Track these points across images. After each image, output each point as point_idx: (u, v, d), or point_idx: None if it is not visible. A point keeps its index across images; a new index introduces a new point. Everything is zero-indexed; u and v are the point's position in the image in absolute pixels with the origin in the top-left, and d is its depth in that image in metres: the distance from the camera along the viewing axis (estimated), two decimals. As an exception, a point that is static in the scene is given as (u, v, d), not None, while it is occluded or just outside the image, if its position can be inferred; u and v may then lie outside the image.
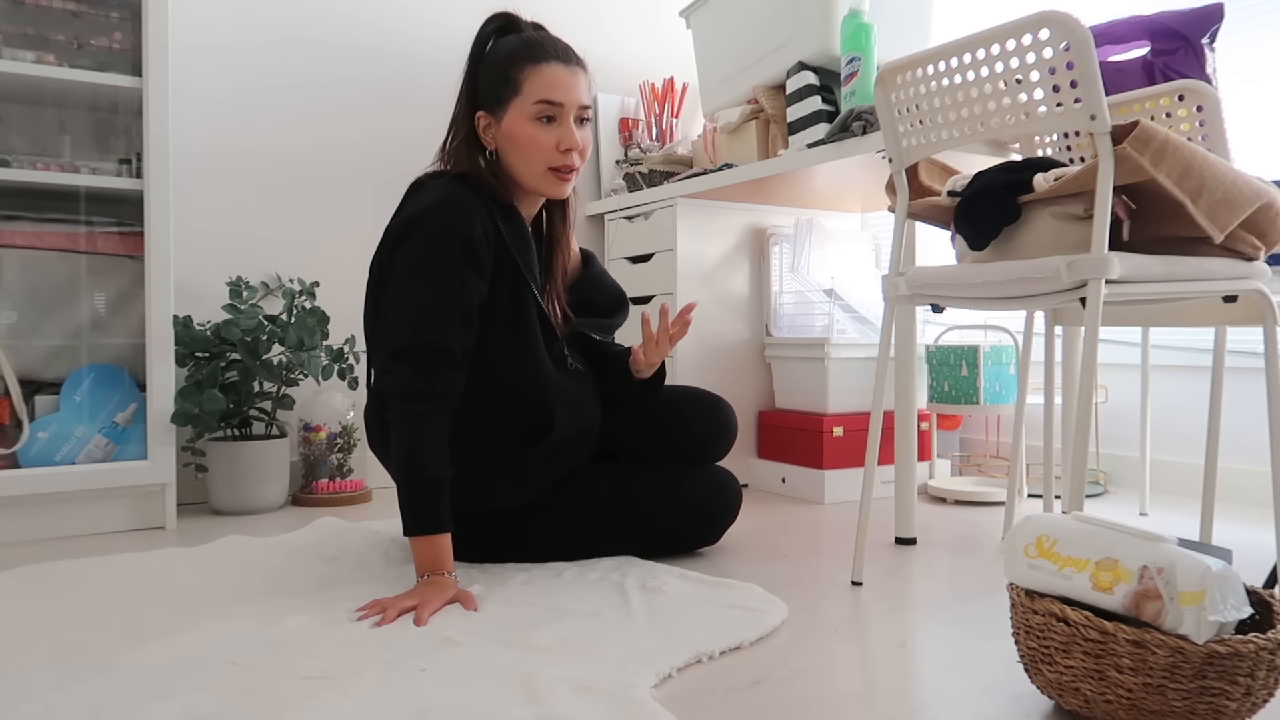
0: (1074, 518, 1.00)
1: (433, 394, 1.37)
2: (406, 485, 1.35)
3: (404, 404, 1.37)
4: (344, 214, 2.48)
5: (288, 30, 2.41)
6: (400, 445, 1.36)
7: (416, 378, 1.37)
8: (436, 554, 1.34)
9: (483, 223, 1.42)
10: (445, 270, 1.39)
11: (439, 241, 1.39)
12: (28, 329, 1.88)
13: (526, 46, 1.47)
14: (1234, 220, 1.23)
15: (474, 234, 1.40)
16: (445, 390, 1.38)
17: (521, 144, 1.46)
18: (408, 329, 1.37)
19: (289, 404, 2.16)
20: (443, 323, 1.38)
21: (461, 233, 1.39)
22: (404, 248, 1.41)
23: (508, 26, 1.51)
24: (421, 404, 1.37)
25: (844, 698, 1.02)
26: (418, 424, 1.36)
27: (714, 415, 1.71)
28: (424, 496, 1.35)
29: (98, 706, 0.95)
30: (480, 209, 1.42)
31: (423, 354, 1.37)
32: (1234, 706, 0.87)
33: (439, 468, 1.36)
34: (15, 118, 1.96)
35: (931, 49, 1.36)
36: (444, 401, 1.38)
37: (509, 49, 1.47)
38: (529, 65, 1.45)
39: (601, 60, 2.92)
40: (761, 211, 2.54)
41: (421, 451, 1.35)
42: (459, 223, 1.39)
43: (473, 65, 1.51)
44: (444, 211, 1.39)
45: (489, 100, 1.48)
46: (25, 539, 1.83)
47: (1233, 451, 2.20)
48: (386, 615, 1.23)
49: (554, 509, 1.56)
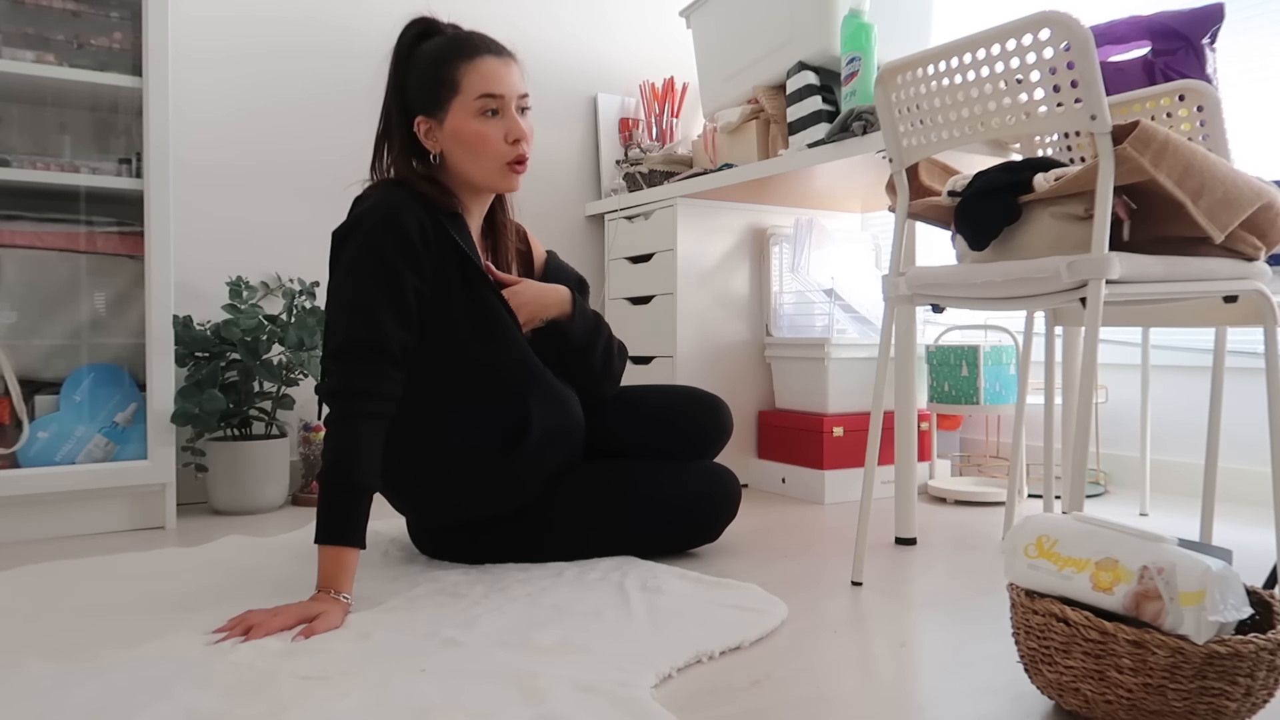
0: (1074, 518, 1.00)
1: (369, 392, 1.33)
2: (328, 489, 1.29)
3: (339, 402, 1.33)
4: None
5: (289, 31, 2.41)
6: (330, 446, 1.30)
7: (352, 375, 1.33)
8: (338, 569, 1.27)
9: (420, 221, 1.41)
10: (380, 269, 1.37)
11: (373, 242, 1.38)
12: (28, 329, 1.88)
13: (456, 44, 1.46)
14: (1234, 220, 1.23)
15: (410, 233, 1.39)
16: (382, 389, 1.34)
17: (471, 142, 1.45)
18: (344, 329, 1.35)
19: (289, 404, 2.16)
20: (378, 321, 1.35)
21: (397, 233, 1.38)
22: (341, 254, 1.41)
23: (429, 30, 1.50)
24: (357, 402, 1.32)
25: (844, 698, 1.02)
26: (351, 425, 1.31)
27: (708, 411, 1.72)
28: (343, 503, 1.28)
29: (98, 706, 0.95)
30: (417, 208, 1.42)
31: (359, 352, 1.34)
32: (1234, 707, 0.87)
33: (366, 475, 1.30)
34: (15, 118, 1.96)
35: (932, 49, 1.36)
36: (380, 402, 1.34)
37: (437, 50, 1.46)
38: (463, 62, 1.44)
39: (602, 60, 2.92)
40: (761, 211, 2.54)
41: (351, 454, 1.29)
42: (394, 223, 1.38)
43: (399, 73, 1.49)
44: (380, 213, 1.39)
45: (425, 105, 1.46)
46: (25, 539, 1.83)
47: (1233, 451, 2.20)
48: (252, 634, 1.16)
49: (552, 507, 1.56)
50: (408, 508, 1.56)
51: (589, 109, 2.90)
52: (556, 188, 2.83)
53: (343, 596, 1.26)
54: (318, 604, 1.23)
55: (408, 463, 1.48)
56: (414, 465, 1.48)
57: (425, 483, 1.49)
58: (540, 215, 2.79)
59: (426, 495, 1.50)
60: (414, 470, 1.48)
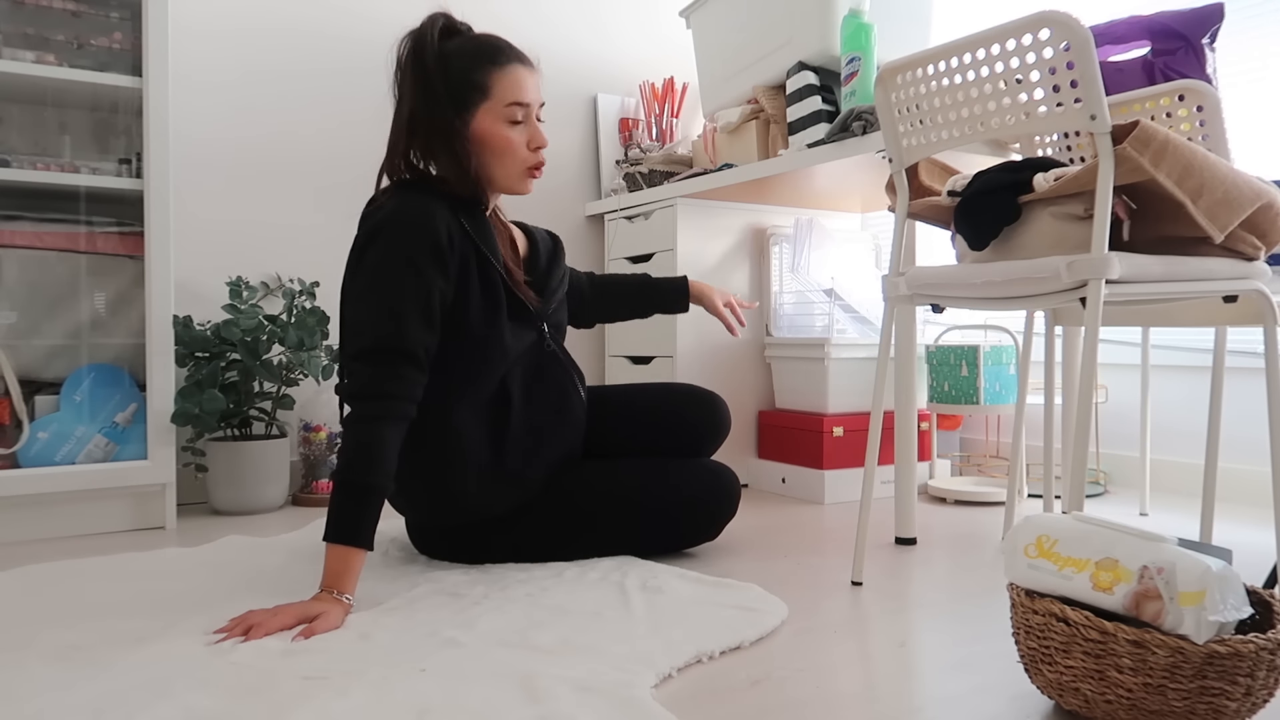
0: (1074, 518, 1.00)
1: (393, 395, 1.34)
2: (342, 488, 1.29)
3: (362, 403, 1.33)
4: (344, 214, 2.47)
5: (290, 32, 2.41)
6: (349, 446, 1.31)
7: (378, 379, 1.34)
8: (344, 569, 1.27)
9: (447, 224, 1.42)
10: (408, 273, 1.37)
11: (401, 245, 1.38)
12: (28, 329, 1.88)
13: (487, 49, 1.46)
14: (1234, 220, 1.23)
15: (439, 237, 1.40)
16: (405, 393, 1.35)
17: (497, 147, 1.46)
18: (369, 330, 1.36)
19: (289, 404, 2.17)
20: (406, 324, 1.36)
21: (425, 236, 1.38)
22: (367, 255, 1.40)
23: (451, 28, 1.49)
24: (379, 404, 1.33)
25: (844, 698, 1.02)
26: (371, 425, 1.31)
27: (705, 407, 1.72)
28: (356, 504, 1.28)
29: (98, 706, 0.95)
30: (443, 210, 1.42)
31: (386, 355, 1.35)
32: (1234, 706, 0.87)
33: (381, 477, 1.30)
34: (15, 118, 1.96)
35: (931, 49, 1.36)
36: (402, 404, 1.35)
37: (467, 51, 1.46)
38: (495, 68, 1.45)
39: (601, 60, 2.92)
40: (761, 211, 2.54)
41: (370, 455, 1.30)
42: (422, 226, 1.39)
43: (420, 70, 1.44)
44: (407, 216, 1.39)
45: (451, 105, 1.44)
46: (25, 539, 1.83)
47: (1233, 451, 2.20)
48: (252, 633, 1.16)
49: (552, 507, 1.56)
50: (408, 507, 1.56)
51: (589, 109, 2.90)
52: (556, 188, 2.83)
53: (345, 597, 1.26)
54: (318, 604, 1.23)
55: (411, 461, 1.48)
56: (417, 463, 1.48)
57: (427, 481, 1.49)
58: (540, 215, 2.78)
59: (429, 494, 1.50)
60: (417, 468, 1.48)
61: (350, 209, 2.48)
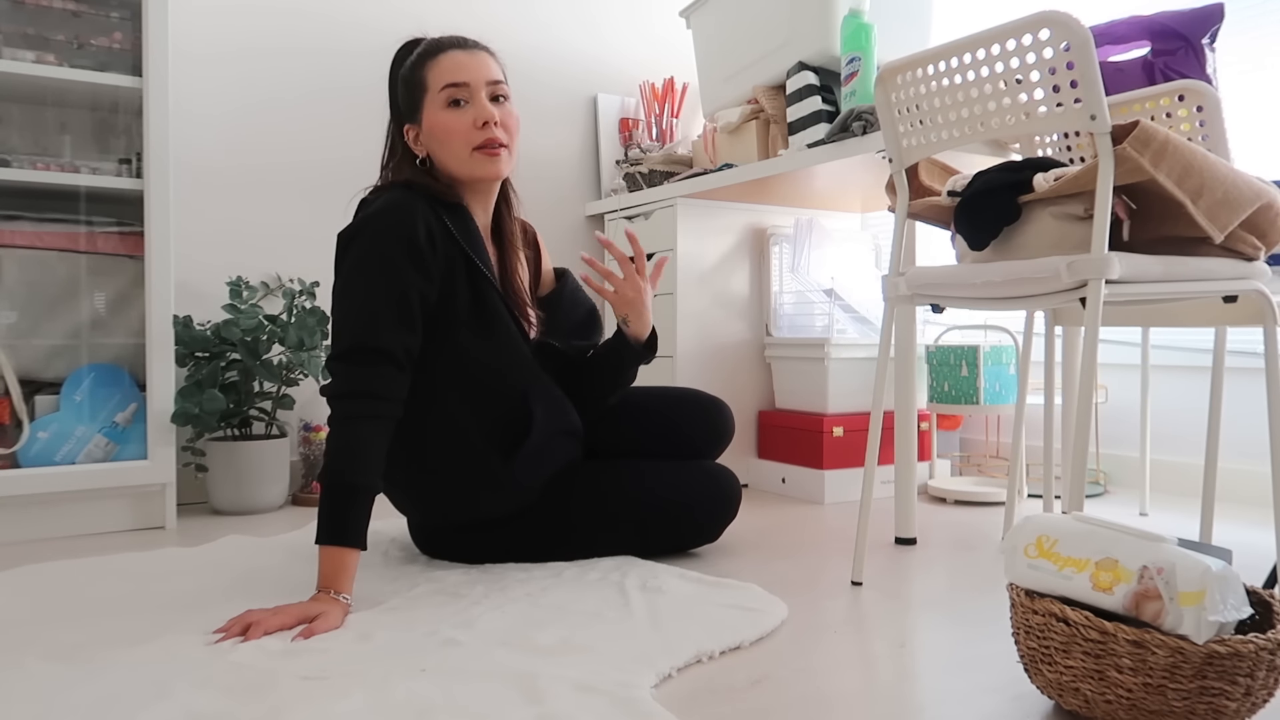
0: (1074, 518, 1.00)
1: (371, 394, 1.34)
2: (328, 490, 1.29)
3: (342, 404, 1.33)
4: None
5: (290, 33, 2.41)
6: (332, 447, 1.31)
7: (355, 378, 1.34)
8: (338, 569, 1.27)
9: (426, 222, 1.42)
10: (385, 272, 1.38)
11: (379, 244, 1.38)
12: (28, 329, 1.88)
13: (426, 48, 1.51)
14: (1234, 220, 1.23)
15: (417, 236, 1.40)
16: (385, 391, 1.35)
17: (440, 133, 1.47)
18: (349, 331, 1.36)
19: (289, 404, 2.16)
20: (382, 323, 1.36)
21: (403, 235, 1.39)
22: (348, 255, 1.41)
23: (413, 46, 1.55)
24: (359, 404, 1.33)
25: (844, 698, 1.02)
26: (352, 426, 1.32)
27: (709, 414, 1.72)
28: (342, 504, 1.28)
29: (98, 707, 0.95)
30: (423, 209, 1.42)
31: (363, 354, 1.35)
32: (1234, 706, 0.87)
33: (366, 475, 1.30)
34: (15, 118, 1.96)
35: (931, 49, 1.36)
36: (383, 404, 1.35)
37: (413, 59, 1.51)
38: (429, 61, 1.49)
39: (601, 60, 2.92)
40: (761, 211, 2.54)
41: (351, 455, 1.30)
42: (401, 225, 1.39)
43: (390, 88, 1.57)
44: (386, 216, 1.40)
45: (409, 112, 1.51)
46: (25, 539, 1.83)
47: (1233, 451, 2.20)
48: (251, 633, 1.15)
49: (553, 508, 1.55)
50: (408, 508, 1.56)
51: (589, 109, 2.90)
52: (556, 188, 2.83)
53: (342, 597, 1.26)
54: (317, 604, 1.23)
55: (409, 463, 1.48)
56: (416, 466, 1.48)
57: (427, 483, 1.49)
58: (540, 215, 2.79)
59: (428, 496, 1.50)
60: (416, 471, 1.48)
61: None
